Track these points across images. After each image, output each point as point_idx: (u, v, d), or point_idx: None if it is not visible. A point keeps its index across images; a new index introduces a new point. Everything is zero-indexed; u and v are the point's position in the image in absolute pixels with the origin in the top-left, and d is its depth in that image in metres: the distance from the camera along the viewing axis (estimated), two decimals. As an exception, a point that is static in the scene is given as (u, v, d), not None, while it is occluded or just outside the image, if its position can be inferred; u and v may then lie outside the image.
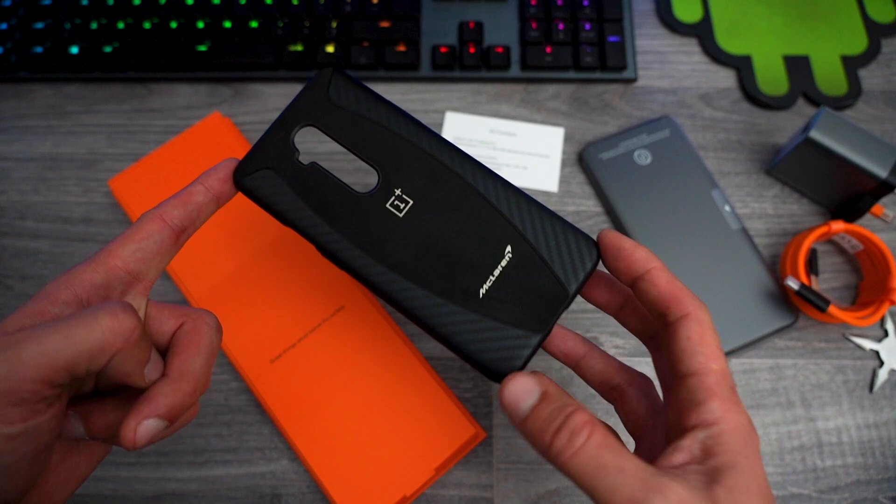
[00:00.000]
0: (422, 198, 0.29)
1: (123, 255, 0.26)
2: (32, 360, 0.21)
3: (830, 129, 0.43)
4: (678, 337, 0.26)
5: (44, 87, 0.52)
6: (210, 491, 0.41)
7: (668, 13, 0.54)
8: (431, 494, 0.41)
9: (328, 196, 0.29)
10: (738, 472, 0.23)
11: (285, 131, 0.30)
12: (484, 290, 0.28)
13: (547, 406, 0.25)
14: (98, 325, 0.22)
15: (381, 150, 0.29)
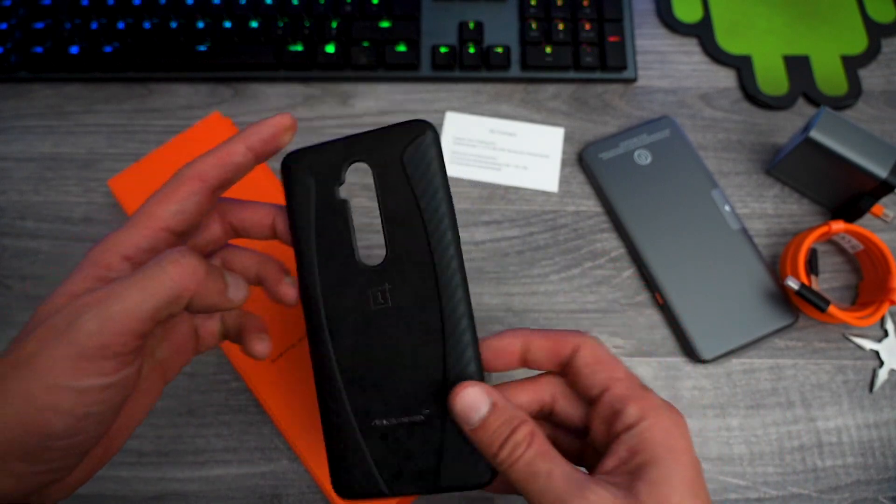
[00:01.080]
0: (399, 310, 0.28)
1: (165, 216, 0.27)
2: (119, 316, 0.23)
3: (830, 129, 0.43)
4: (579, 367, 0.28)
5: (44, 87, 0.52)
6: (210, 491, 0.41)
7: (668, 13, 0.54)
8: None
9: (334, 239, 0.29)
10: (659, 465, 0.25)
11: (346, 156, 0.29)
12: (380, 423, 0.28)
13: (496, 418, 0.26)
14: (167, 275, 0.24)
15: (403, 238, 0.28)
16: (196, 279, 0.25)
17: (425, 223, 0.28)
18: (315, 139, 0.50)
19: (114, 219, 0.48)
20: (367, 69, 0.52)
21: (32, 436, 0.22)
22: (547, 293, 0.46)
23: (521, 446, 0.25)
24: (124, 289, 0.23)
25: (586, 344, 0.28)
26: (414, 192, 0.28)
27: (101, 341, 0.23)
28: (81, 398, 0.23)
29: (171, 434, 0.42)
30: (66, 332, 0.23)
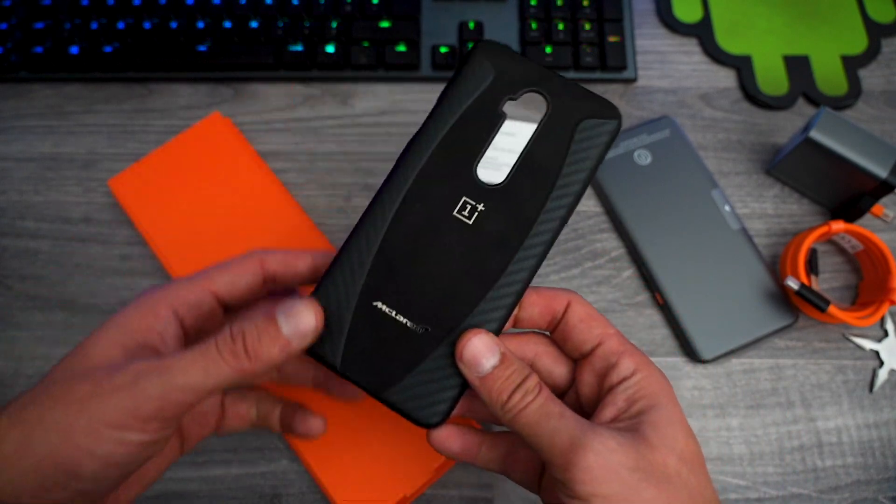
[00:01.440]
0: (475, 233, 0.28)
1: (218, 282, 0.29)
2: (180, 388, 0.24)
3: (830, 129, 0.43)
4: (572, 324, 0.29)
5: (44, 87, 0.52)
6: (210, 491, 0.41)
7: (668, 13, 0.54)
8: (431, 494, 0.41)
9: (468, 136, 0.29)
10: (659, 409, 0.26)
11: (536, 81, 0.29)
12: (380, 308, 0.28)
13: (507, 368, 0.26)
14: (222, 358, 0.25)
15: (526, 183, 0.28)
16: (248, 366, 0.26)
17: (554, 187, 0.28)
18: (315, 139, 0.50)
19: (114, 219, 0.48)
20: (367, 69, 0.52)
21: (59, 472, 0.24)
22: (547, 293, 0.46)
23: (531, 393, 0.26)
24: (188, 365, 0.25)
25: (578, 301, 0.29)
26: (565, 156, 0.28)
27: (159, 405, 0.24)
28: (118, 448, 0.24)
29: (171, 434, 0.42)
30: (127, 388, 0.24)
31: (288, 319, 0.26)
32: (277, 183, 0.47)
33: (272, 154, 0.50)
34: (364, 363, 0.28)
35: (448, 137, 0.29)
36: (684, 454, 0.26)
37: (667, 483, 0.25)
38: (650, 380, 0.27)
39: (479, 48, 0.29)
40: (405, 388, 0.27)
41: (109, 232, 0.48)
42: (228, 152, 0.47)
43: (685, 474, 0.25)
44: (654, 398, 0.27)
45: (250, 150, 0.48)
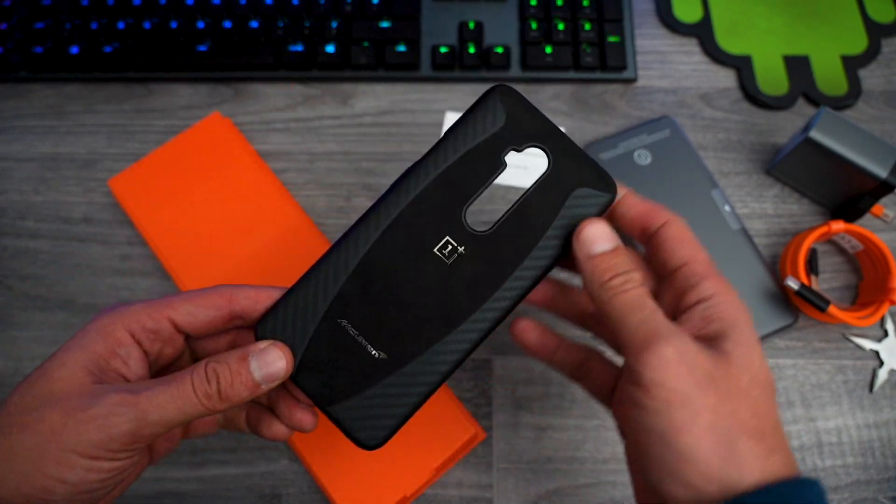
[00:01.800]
0: (449, 273, 0.29)
1: (177, 311, 0.29)
2: (154, 422, 0.25)
3: (830, 129, 0.43)
4: (664, 238, 0.29)
5: (44, 87, 0.52)
6: (209, 491, 0.41)
7: (668, 13, 0.54)
8: (431, 494, 0.41)
9: (463, 178, 0.29)
10: (739, 331, 0.26)
11: (543, 138, 0.30)
12: (345, 325, 0.29)
13: (618, 256, 0.28)
14: (198, 398, 0.26)
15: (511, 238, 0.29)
16: (217, 405, 0.27)
17: (535, 248, 0.29)
18: (315, 139, 0.50)
19: (114, 219, 0.48)
20: (367, 69, 0.52)
21: (30, 499, 0.24)
22: (547, 293, 0.46)
23: (633, 281, 0.27)
24: (163, 401, 0.26)
25: (676, 221, 0.29)
26: (553, 220, 0.29)
27: (132, 438, 0.25)
28: (88, 475, 0.25)
29: (171, 434, 0.42)
30: (101, 420, 0.25)
31: (261, 367, 0.27)
32: (277, 183, 0.47)
33: (272, 154, 0.50)
34: (317, 375, 0.28)
35: (446, 173, 0.29)
36: (758, 376, 0.26)
37: (734, 396, 0.25)
38: (729, 305, 0.27)
39: (496, 91, 0.29)
40: (351, 408, 0.28)
41: (109, 232, 0.48)
42: (228, 152, 0.47)
43: (755, 394, 0.25)
44: (733, 321, 0.27)
45: (250, 150, 0.48)
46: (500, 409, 0.43)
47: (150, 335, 0.28)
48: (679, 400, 0.24)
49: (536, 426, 0.43)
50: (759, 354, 0.26)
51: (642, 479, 0.27)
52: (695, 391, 0.24)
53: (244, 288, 0.29)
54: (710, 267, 0.28)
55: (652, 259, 0.30)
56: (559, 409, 0.43)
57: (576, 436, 0.42)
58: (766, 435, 0.25)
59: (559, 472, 0.42)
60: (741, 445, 0.24)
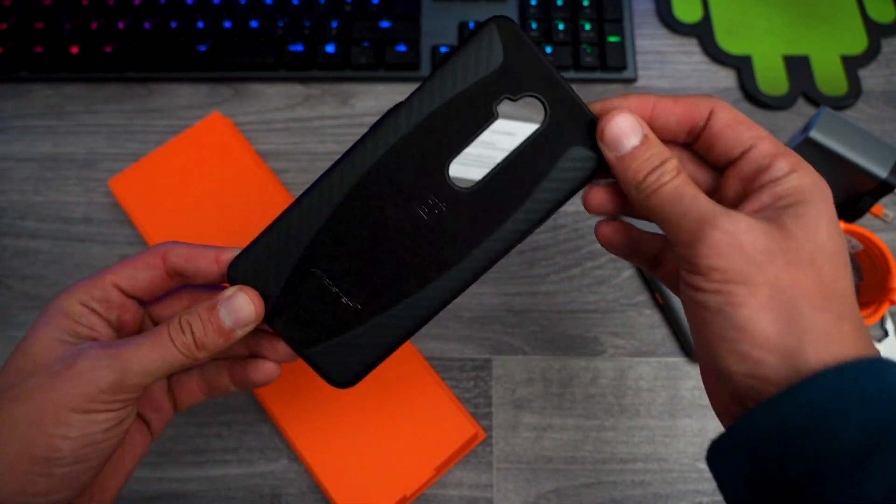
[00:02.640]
0: (427, 228, 0.28)
1: (120, 277, 0.29)
2: (135, 370, 0.26)
3: (830, 129, 0.43)
4: (717, 130, 0.26)
5: (44, 87, 0.52)
6: (210, 491, 0.41)
7: (668, 13, 0.54)
8: (431, 494, 0.41)
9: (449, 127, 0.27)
10: (807, 204, 0.24)
11: (543, 87, 0.27)
12: (318, 275, 0.29)
13: (648, 149, 0.26)
14: (175, 347, 0.27)
15: (496, 193, 0.28)
16: (195, 353, 0.27)
17: (518, 210, 0.27)
18: (315, 139, 0.50)
19: (114, 219, 0.48)
20: (367, 69, 0.52)
21: (36, 462, 0.25)
22: (547, 293, 0.46)
23: (668, 173, 0.25)
24: (142, 352, 0.27)
25: (723, 106, 0.27)
26: (542, 181, 0.27)
27: (118, 388, 0.26)
28: (89, 427, 0.25)
29: (171, 434, 0.42)
30: (85, 375, 0.25)
31: (230, 313, 0.28)
32: (277, 183, 0.47)
33: (272, 154, 0.50)
34: (292, 320, 0.29)
35: (431, 119, 0.27)
36: (825, 245, 0.24)
37: (795, 267, 0.24)
38: (805, 179, 0.25)
39: (494, 24, 0.26)
40: (325, 352, 0.29)
41: (109, 232, 0.48)
42: (228, 152, 0.47)
43: (820, 261, 0.24)
44: (804, 195, 0.25)
45: (250, 150, 0.48)
46: (500, 409, 0.43)
47: (103, 304, 0.29)
48: (736, 278, 0.23)
49: (536, 426, 0.43)
50: (827, 224, 0.24)
51: (706, 360, 0.25)
52: (750, 267, 0.23)
53: (178, 245, 0.30)
54: (778, 145, 0.26)
55: (709, 154, 0.28)
56: (559, 409, 0.43)
57: (576, 436, 0.42)
58: (833, 302, 0.24)
59: (559, 472, 0.42)
60: (803, 313, 0.23)
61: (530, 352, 0.44)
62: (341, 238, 0.28)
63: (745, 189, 0.26)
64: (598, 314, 0.45)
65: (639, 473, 0.42)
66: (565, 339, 0.45)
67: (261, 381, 0.31)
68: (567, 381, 0.44)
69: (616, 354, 0.44)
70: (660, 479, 0.41)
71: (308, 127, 0.51)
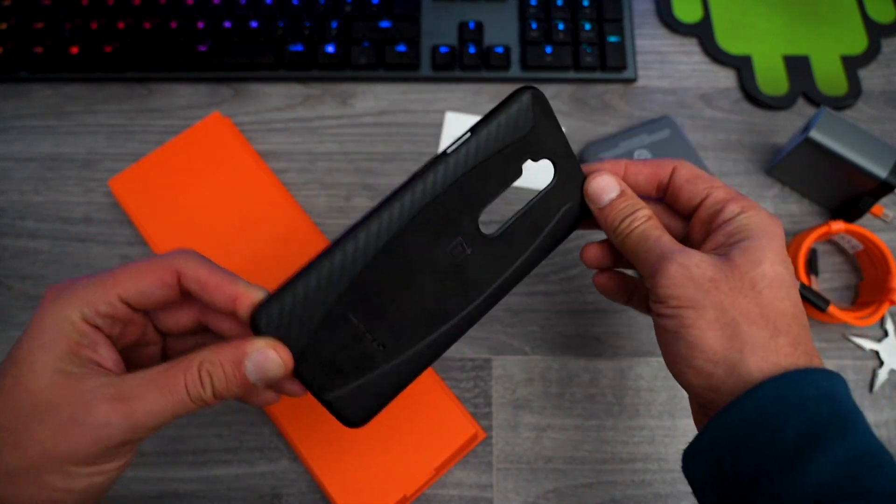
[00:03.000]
0: (454, 271, 0.30)
1: (128, 292, 0.27)
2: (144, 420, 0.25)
3: (830, 129, 0.43)
4: (679, 184, 0.32)
5: (44, 87, 0.52)
6: (210, 491, 0.41)
7: (668, 13, 0.54)
8: (431, 494, 0.41)
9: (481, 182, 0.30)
10: (754, 239, 0.28)
11: (557, 155, 0.31)
12: (352, 320, 0.29)
13: (624, 201, 0.31)
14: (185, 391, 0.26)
15: (512, 240, 0.32)
16: (210, 401, 0.27)
17: (523, 254, 0.32)
18: (315, 139, 0.50)
19: (114, 219, 0.48)
20: (367, 69, 0.52)
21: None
22: (547, 293, 0.46)
23: (639, 220, 0.30)
24: (152, 400, 0.25)
25: (683, 164, 0.32)
26: (543, 231, 0.32)
27: (128, 438, 0.25)
28: (93, 479, 0.25)
29: (171, 434, 0.42)
30: (96, 430, 0.24)
31: (257, 369, 0.26)
32: (277, 183, 0.47)
33: (272, 154, 0.50)
34: (316, 366, 0.28)
35: (469, 174, 0.30)
36: (766, 273, 0.27)
37: (738, 290, 0.27)
38: (752, 219, 0.29)
39: (531, 95, 0.30)
40: (344, 395, 0.29)
41: (109, 232, 0.48)
42: (228, 152, 0.47)
43: (760, 286, 0.27)
44: (751, 232, 0.28)
45: (250, 149, 0.48)
46: (500, 409, 0.43)
47: (108, 320, 0.27)
48: (687, 303, 0.27)
49: (536, 426, 0.43)
50: (772, 255, 0.28)
51: (676, 378, 0.30)
52: (699, 294, 0.27)
53: (193, 265, 0.28)
54: (729, 192, 0.30)
55: (676, 205, 0.33)
56: (559, 409, 0.43)
57: (576, 436, 0.42)
58: (770, 320, 0.27)
59: (559, 472, 0.42)
60: (743, 329, 0.27)
61: (530, 352, 0.44)
62: (377, 285, 0.29)
63: (706, 231, 0.31)
64: (598, 314, 0.45)
65: (639, 473, 0.42)
66: (565, 339, 0.45)
67: (260, 404, 0.31)
68: (567, 381, 0.44)
69: (616, 354, 0.44)
70: (660, 479, 0.41)
71: (308, 127, 0.51)
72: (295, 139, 0.51)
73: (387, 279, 0.29)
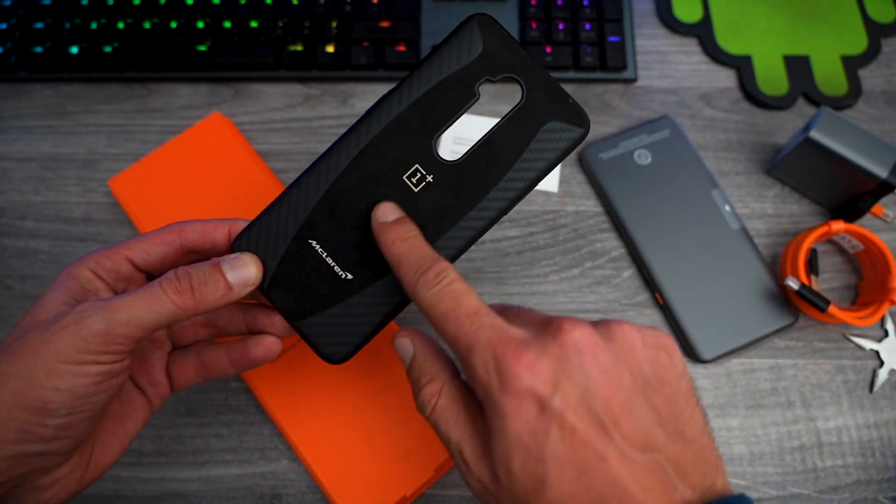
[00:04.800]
0: (415, 200, 0.30)
1: (134, 251, 0.30)
2: (125, 321, 0.26)
3: (830, 129, 0.43)
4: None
5: (44, 87, 0.52)
6: (210, 491, 0.41)
7: (668, 13, 0.54)
8: (431, 494, 0.41)
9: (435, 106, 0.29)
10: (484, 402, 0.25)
11: (520, 70, 0.29)
12: (314, 246, 0.30)
13: (414, 369, 0.29)
14: (168, 297, 0.27)
15: (478, 167, 0.30)
16: (191, 304, 0.28)
17: (501, 179, 0.29)
18: (315, 139, 0.50)
19: (114, 219, 0.48)
20: (367, 69, 0.52)
21: (31, 412, 0.25)
22: (547, 293, 0.46)
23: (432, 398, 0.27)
24: (132, 301, 0.27)
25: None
26: (522, 152, 0.29)
27: (106, 339, 0.26)
28: (79, 380, 0.26)
29: (171, 434, 0.42)
30: (72, 326, 0.26)
31: (233, 269, 0.29)
32: (277, 183, 0.47)
33: (272, 154, 0.50)
34: (287, 291, 0.30)
35: (419, 102, 0.29)
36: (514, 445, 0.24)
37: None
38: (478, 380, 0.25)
39: (474, 20, 0.29)
40: (318, 324, 0.30)
41: (109, 232, 0.48)
42: (228, 152, 0.47)
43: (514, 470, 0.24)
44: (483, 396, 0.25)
45: (250, 149, 0.48)
46: (500, 409, 0.43)
47: (112, 274, 0.30)
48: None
49: (536, 426, 0.43)
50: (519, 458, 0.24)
51: None
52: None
53: (193, 222, 0.31)
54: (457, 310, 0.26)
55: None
56: (559, 409, 0.43)
57: (576, 436, 0.42)
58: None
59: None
60: None
61: (530, 352, 0.44)
62: (336, 211, 0.30)
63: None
64: (598, 314, 0.45)
65: (639, 473, 0.42)
66: (565, 339, 0.45)
67: (261, 356, 0.32)
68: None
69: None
70: (660, 479, 0.41)
71: (308, 127, 0.51)
72: (295, 139, 0.51)
73: (346, 208, 0.30)
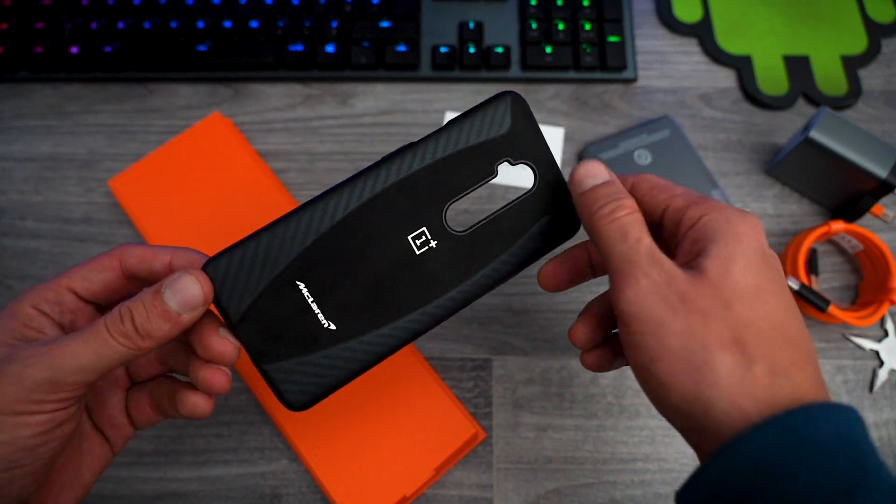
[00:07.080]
0: (415, 264, 0.29)
1: (74, 280, 0.28)
2: (70, 368, 0.25)
3: (830, 129, 0.43)
4: (639, 198, 0.29)
5: (44, 87, 0.52)
6: (210, 491, 0.41)
7: (668, 13, 0.54)
8: (431, 494, 0.41)
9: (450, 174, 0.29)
10: (719, 243, 0.25)
11: (538, 159, 0.30)
12: (301, 290, 0.28)
13: (609, 188, 0.28)
14: (112, 337, 0.25)
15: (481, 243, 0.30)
16: (139, 343, 0.26)
17: (494, 261, 0.30)
18: (315, 139, 0.50)
19: (114, 219, 0.48)
20: (367, 69, 0.52)
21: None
22: (547, 293, 0.46)
23: (624, 209, 0.27)
24: (77, 346, 0.25)
25: (640, 177, 0.29)
26: (517, 240, 0.30)
27: (50, 388, 0.24)
28: (20, 431, 0.24)
29: (171, 434, 0.42)
30: (16, 375, 0.24)
31: (174, 294, 0.26)
32: (277, 183, 0.47)
33: (272, 154, 0.50)
34: (259, 330, 0.28)
35: (439, 164, 0.29)
36: (737, 285, 0.25)
37: (708, 313, 0.24)
38: (715, 220, 0.26)
39: (509, 98, 0.29)
40: (286, 369, 0.28)
41: (109, 232, 0.48)
42: (228, 152, 0.47)
43: (736, 306, 0.24)
44: (716, 234, 0.26)
45: (250, 149, 0.48)
46: (500, 409, 0.43)
47: (56, 307, 0.28)
48: (651, 329, 0.25)
49: (536, 426, 0.43)
50: (742, 260, 0.25)
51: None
52: (666, 316, 0.24)
53: (134, 247, 0.29)
54: (689, 196, 0.28)
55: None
56: (559, 409, 0.43)
57: (576, 436, 0.42)
58: (745, 345, 0.24)
59: (559, 472, 0.42)
60: (715, 362, 0.24)
61: (530, 352, 0.44)
62: (332, 256, 0.28)
63: (674, 244, 0.28)
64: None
65: (639, 473, 0.42)
66: (565, 340, 0.45)
67: (186, 412, 0.30)
68: (567, 381, 0.44)
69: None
70: (660, 479, 0.41)
71: (308, 127, 0.51)
72: (295, 139, 0.51)
73: (342, 254, 0.28)
